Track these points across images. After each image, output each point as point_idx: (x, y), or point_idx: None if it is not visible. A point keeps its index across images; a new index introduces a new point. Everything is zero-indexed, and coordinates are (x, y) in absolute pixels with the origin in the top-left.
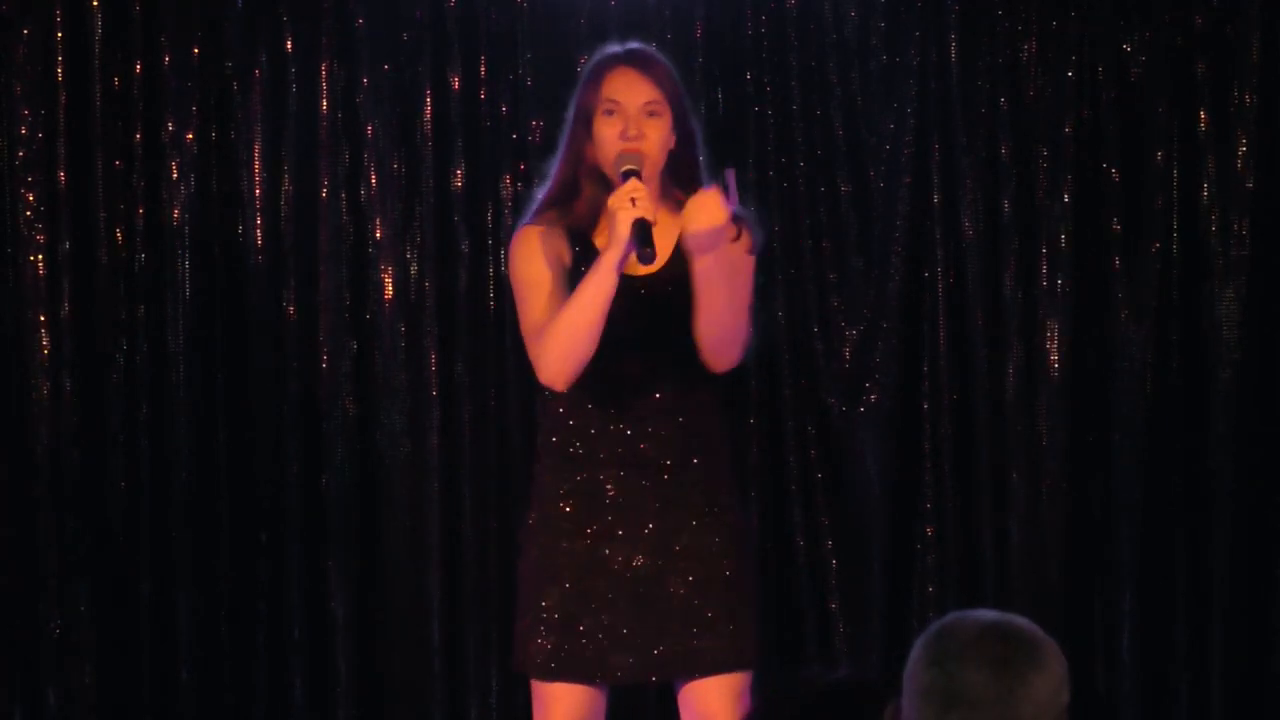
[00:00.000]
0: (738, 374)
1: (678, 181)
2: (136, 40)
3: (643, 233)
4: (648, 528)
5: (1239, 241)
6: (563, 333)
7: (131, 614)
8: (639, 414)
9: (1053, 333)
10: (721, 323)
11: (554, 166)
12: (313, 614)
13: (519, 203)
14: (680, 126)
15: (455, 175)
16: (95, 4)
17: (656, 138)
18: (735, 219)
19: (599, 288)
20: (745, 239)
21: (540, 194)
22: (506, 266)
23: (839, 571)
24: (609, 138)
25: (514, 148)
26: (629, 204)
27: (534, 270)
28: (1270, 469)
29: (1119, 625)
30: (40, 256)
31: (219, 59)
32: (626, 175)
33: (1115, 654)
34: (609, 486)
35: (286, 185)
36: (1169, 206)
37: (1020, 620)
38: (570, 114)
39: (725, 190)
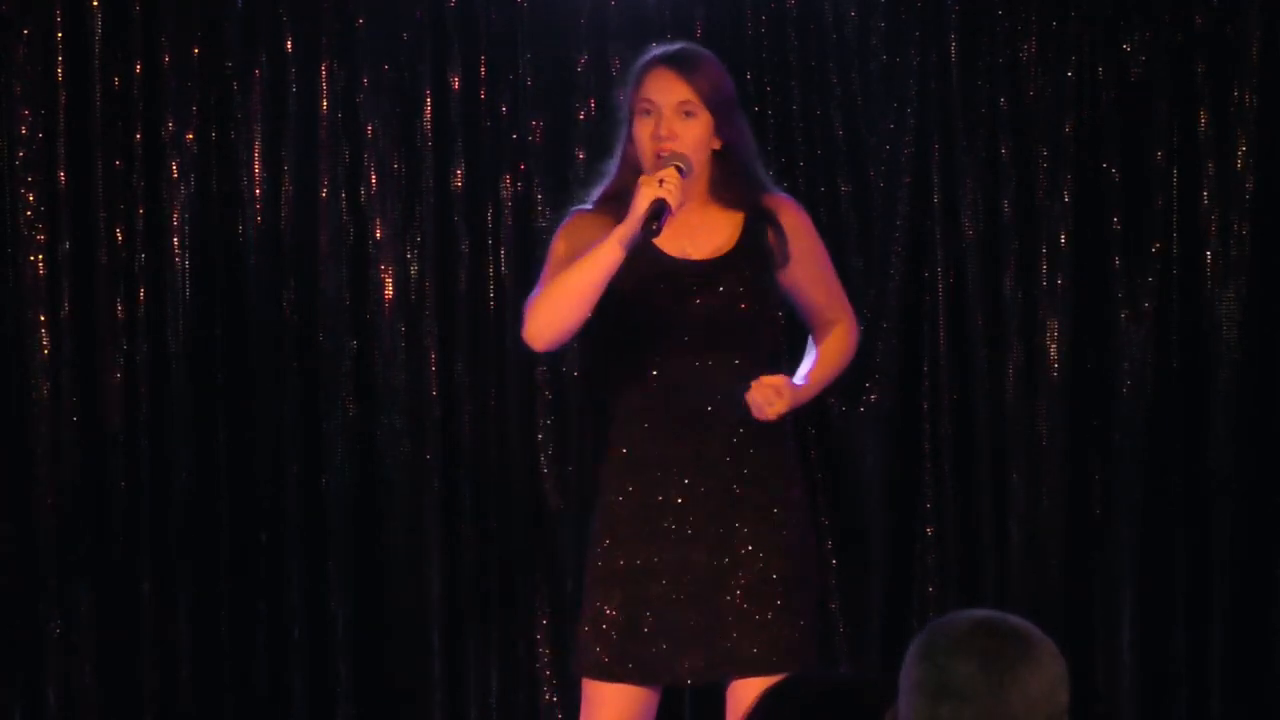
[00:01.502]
0: None
1: (730, 182)
2: (136, 40)
3: (655, 212)
4: (709, 529)
5: (1239, 241)
6: (556, 293)
7: (131, 614)
8: (698, 416)
9: (1053, 333)
10: (838, 371)
11: (612, 165)
12: (313, 614)
13: (519, 203)
14: (724, 127)
15: (455, 175)
16: (95, 4)
17: (690, 138)
18: (777, 193)
19: (602, 257)
20: (807, 223)
21: (599, 187)
22: None
23: (839, 571)
24: (643, 138)
25: (514, 148)
26: (656, 184)
27: (564, 245)
28: (1270, 469)
29: (1119, 625)
30: (40, 256)
31: (219, 59)
32: (667, 166)
33: (1115, 654)
34: (670, 489)
35: (286, 185)
36: (1169, 207)
37: (1014, 618)
38: (623, 115)
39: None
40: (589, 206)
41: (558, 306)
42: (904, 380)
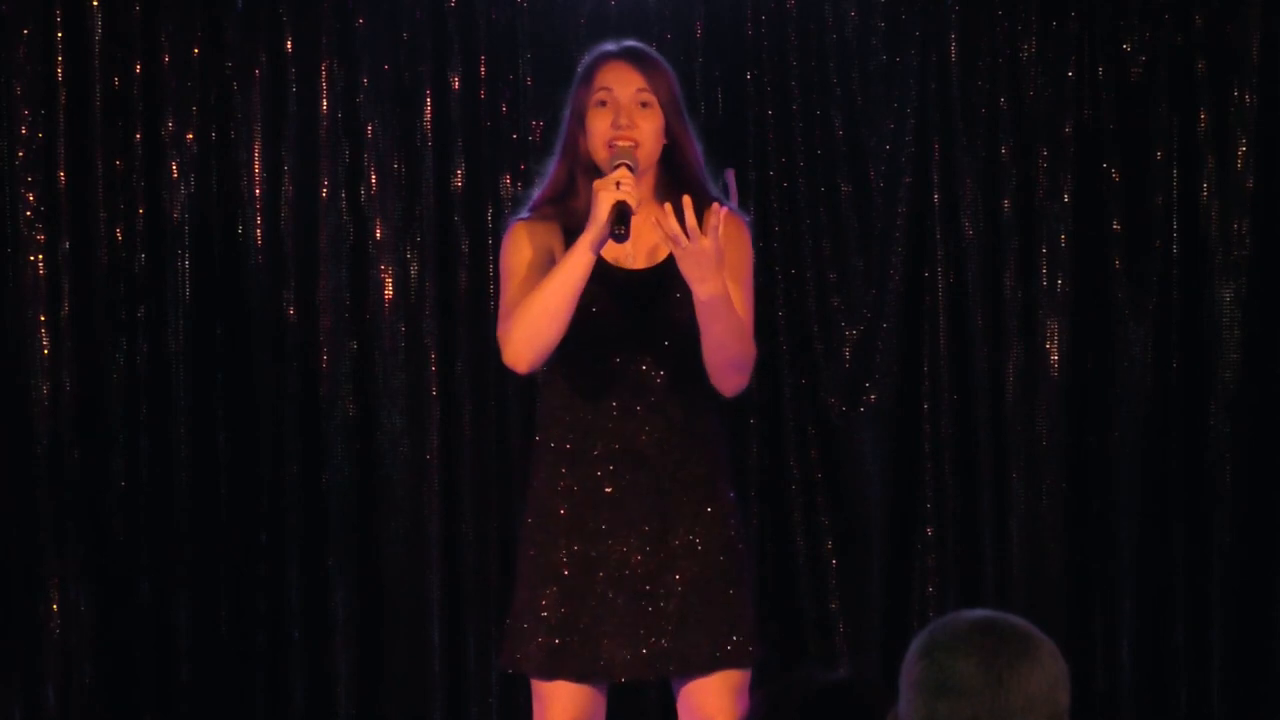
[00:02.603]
0: None
1: (675, 179)
2: (136, 40)
3: (620, 215)
4: (644, 525)
5: (1239, 241)
6: (532, 311)
7: (131, 614)
8: (634, 411)
9: (1053, 333)
10: (725, 352)
11: (550, 166)
12: (313, 614)
13: (519, 203)
14: (674, 124)
15: (455, 175)
16: (95, 4)
17: (649, 128)
18: (728, 209)
19: (574, 268)
20: (746, 240)
21: (536, 193)
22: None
23: (839, 571)
24: (600, 129)
25: (514, 147)
26: (613, 186)
27: (518, 260)
28: (1270, 469)
29: (1119, 626)
30: (40, 256)
31: (219, 59)
32: (617, 166)
33: (1115, 655)
34: (605, 484)
35: (287, 185)
36: (1169, 206)
37: (1015, 617)
38: (566, 113)
39: (725, 191)
40: (526, 215)
41: (537, 324)
42: (904, 380)
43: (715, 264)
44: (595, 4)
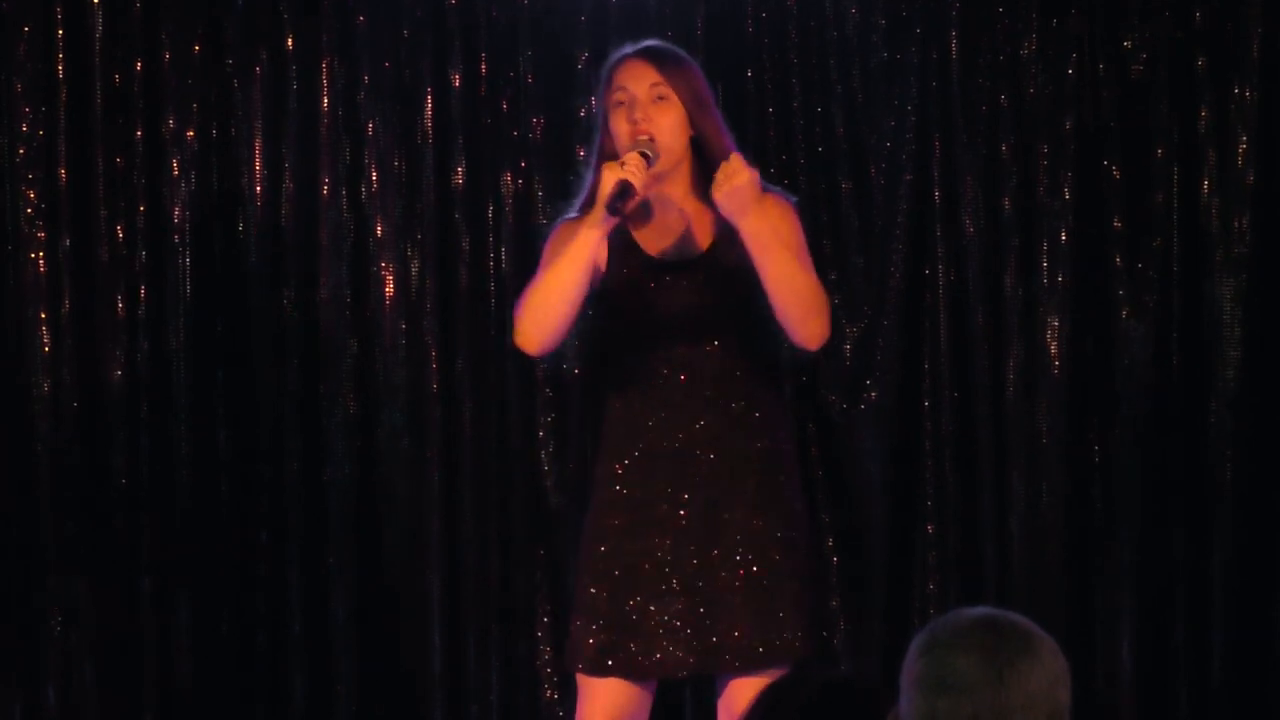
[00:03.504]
0: None
1: (710, 171)
2: (137, 37)
3: (620, 191)
4: (702, 521)
5: (1240, 238)
6: (540, 291)
7: (131, 614)
8: (690, 406)
9: (1053, 330)
10: (792, 288)
11: (590, 170)
12: (313, 613)
13: (520, 200)
14: (697, 117)
15: (456, 173)
16: (96, 1)
17: (665, 121)
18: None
19: (580, 248)
20: (790, 213)
21: (581, 196)
22: None
23: (839, 569)
24: (622, 130)
25: (515, 145)
26: (619, 167)
27: (551, 253)
28: (1271, 467)
29: (1119, 626)
30: (41, 254)
31: (220, 56)
32: (632, 150)
33: (1115, 655)
34: (663, 482)
35: (287, 183)
36: (1170, 203)
37: (1015, 615)
38: (598, 116)
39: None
40: (574, 215)
41: (545, 304)
42: (904, 378)
43: (749, 198)
44: (596, 2)
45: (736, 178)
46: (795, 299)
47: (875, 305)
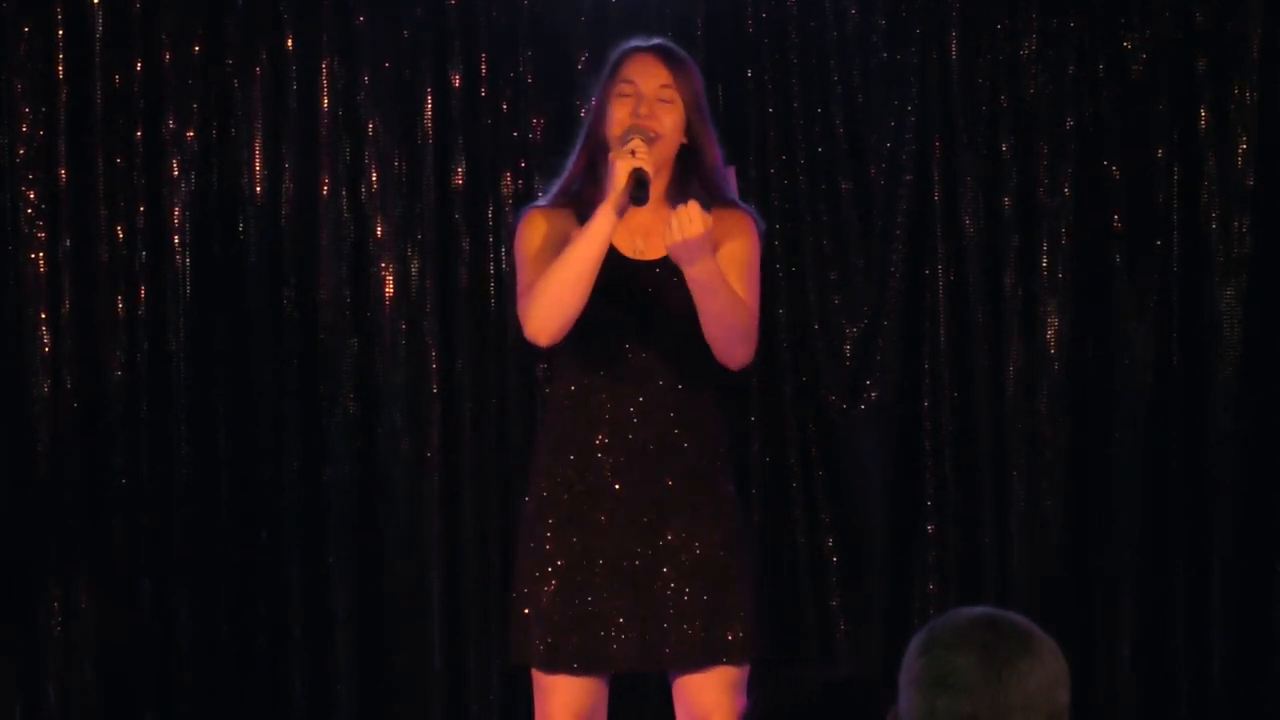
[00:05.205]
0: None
1: (690, 180)
2: (137, 38)
3: (639, 180)
4: (644, 517)
5: (1239, 238)
6: (554, 281)
7: (131, 614)
8: (637, 402)
9: (1053, 330)
10: (723, 323)
11: (570, 159)
12: (313, 613)
13: (520, 200)
14: (695, 124)
15: (456, 173)
16: (96, 2)
17: (669, 121)
18: (732, 204)
19: (595, 235)
20: (749, 232)
21: (555, 184)
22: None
23: (839, 571)
24: (620, 116)
25: (515, 145)
26: (629, 155)
27: (534, 243)
28: (1271, 467)
29: (1119, 626)
30: (41, 254)
31: (220, 57)
32: (630, 138)
33: (1115, 655)
34: (605, 475)
35: (287, 183)
36: (1170, 204)
37: (1015, 615)
38: (592, 104)
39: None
40: (544, 203)
41: (559, 294)
42: (904, 378)
43: (699, 249)
44: (596, 2)
45: (689, 229)
46: (725, 332)
47: (875, 305)
